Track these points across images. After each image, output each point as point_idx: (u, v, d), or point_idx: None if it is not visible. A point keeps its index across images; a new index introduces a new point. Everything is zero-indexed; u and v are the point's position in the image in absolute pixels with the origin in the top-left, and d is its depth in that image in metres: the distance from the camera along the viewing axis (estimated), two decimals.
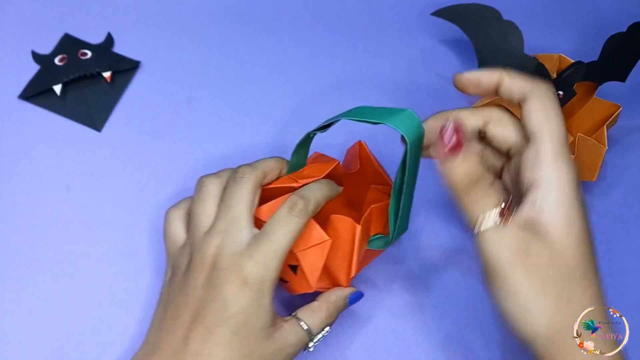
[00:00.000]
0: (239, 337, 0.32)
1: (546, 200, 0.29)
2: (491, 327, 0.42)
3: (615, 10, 0.55)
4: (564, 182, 0.29)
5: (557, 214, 0.29)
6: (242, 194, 0.34)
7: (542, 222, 0.29)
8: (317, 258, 0.36)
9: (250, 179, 0.35)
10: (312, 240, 0.35)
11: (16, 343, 0.40)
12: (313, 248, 0.35)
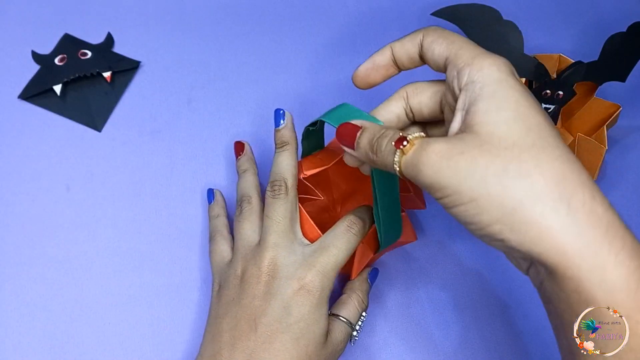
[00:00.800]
0: (300, 344, 0.32)
1: (470, 100, 0.27)
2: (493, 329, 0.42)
3: (615, 10, 0.55)
4: (485, 77, 0.27)
5: (481, 107, 0.26)
6: (287, 208, 0.36)
7: (471, 124, 0.26)
8: None
9: (289, 194, 0.36)
10: (307, 235, 0.37)
11: (16, 343, 0.40)
12: None
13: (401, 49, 0.33)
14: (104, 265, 0.43)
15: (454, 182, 0.26)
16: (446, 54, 0.30)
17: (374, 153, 0.29)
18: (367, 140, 0.30)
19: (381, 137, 0.29)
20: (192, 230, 0.44)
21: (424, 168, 0.26)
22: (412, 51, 0.32)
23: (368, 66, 0.34)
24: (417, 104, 0.33)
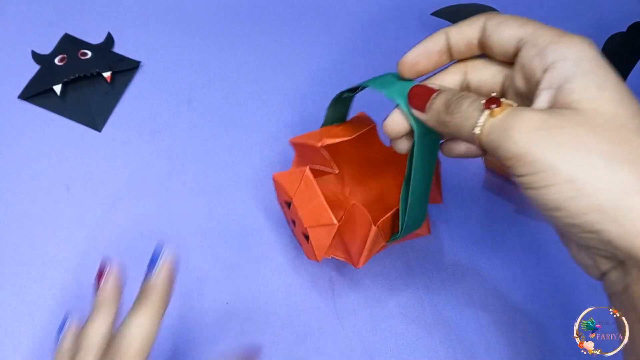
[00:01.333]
0: None
1: (564, 77, 0.25)
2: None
3: (615, 10, 0.55)
4: (579, 53, 0.25)
5: (580, 83, 0.24)
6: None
7: (567, 101, 0.24)
8: (324, 237, 0.36)
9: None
10: (321, 219, 0.36)
11: (16, 343, 0.40)
12: (321, 228, 0.36)
13: (458, 34, 0.30)
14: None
15: (550, 157, 0.22)
16: (520, 35, 0.28)
17: (449, 114, 0.27)
18: (442, 101, 0.27)
19: (462, 97, 0.27)
20: (192, 230, 0.44)
21: (515, 134, 0.23)
22: (471, 37, 0.30)
23: (419, 52, 0.31)
24: (477, 81, 0.30)
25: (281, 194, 0.39)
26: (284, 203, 0.39)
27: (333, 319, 0.42)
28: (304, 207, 0.36)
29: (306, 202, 0.36)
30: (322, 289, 0.43)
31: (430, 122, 0.28)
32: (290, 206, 0.38)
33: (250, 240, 0.44)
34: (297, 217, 0.37)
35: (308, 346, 0.41)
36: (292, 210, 0.37)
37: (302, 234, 0.38)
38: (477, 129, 0.25)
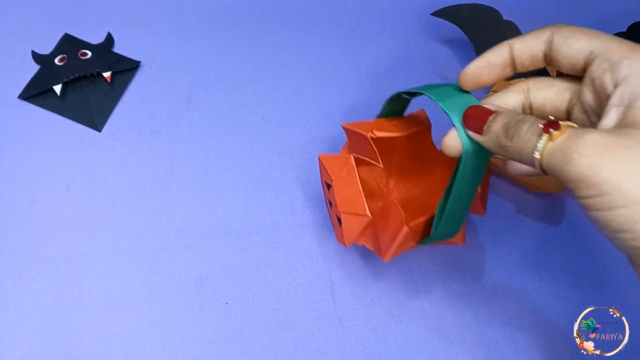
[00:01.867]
0: None
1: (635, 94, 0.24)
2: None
3: (615, 10, 0.55)
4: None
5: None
6: None
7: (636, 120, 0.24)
8: (355, 225, 0.37)
9: None
10: (356, 209, 0.36)
11: (16, 343, 0.40)
12: (355, 216, 0.36)
13: (522, 47, 0.30)
14: (104, 265, 0.43)
15: (616, 179, 0.22)
16: (590, 47, 0.27)
17: (508, 138, 0.26)
18: (501, 124, 0.27)
19: (520, 121, 0.26)
20: (192, 230, 0.44)
21: (577, 157, 0.23)
22: (536, 49, 0.29)
23: (481, 64, 0.30)
24: (540, 100, 0.30)
25: (324, 174, 0.39)
26: (325, 183, 0.40)
27: (333, 319, 0.42)
28: (341, 193, 0.37)
29: (345, 188, 0.37)
30: (322, 289, 0.43)
31: (488, 145, 0.28)
32: (330, 188, 0.38)
33: (250, 240, 0.44)
34: (334, 200, 0.38)
35: (308, 346, 0.41)
36: (331, 193, 0.38)
37: (337, 217, 0.38)
38: (537, 154, 0.25)
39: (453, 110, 0.30)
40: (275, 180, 0.46)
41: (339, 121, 0.49)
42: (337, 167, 0.37)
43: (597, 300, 0.43)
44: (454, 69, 0.52)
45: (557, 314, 0.42)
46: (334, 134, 0.49)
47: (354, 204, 0.36)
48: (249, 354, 0.40)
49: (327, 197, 0.41)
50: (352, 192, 0.36)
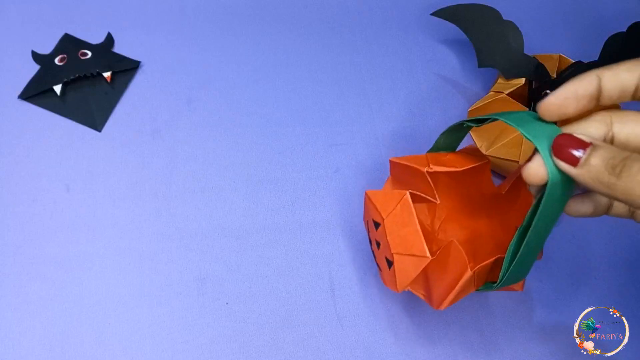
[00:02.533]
0: None
1: None
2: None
3: (615, 10, 0.55)
4: None
5: None
6: None
7: None
8: (411, 268, 0.34)
9: None
10: (413, 249, 0.33)
11: (16, 343, 0.40)
12: (411, 257, 0.33)
13: (613, 79, 0.27)
14: (104, 265, 0.43)
15: None
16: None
17: (613, 175, 0.25)
18: (602, 159, 0.25)
19: (629, 159, 0.25)
20: (192, 230, 0.44)
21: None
22: (629, 83, 0.27)
23: (567, 94, 0.28)
24: (625, 134, 0.28)
25: (371, 212, 0.36)
26: (372, 222, 0.37)
27: (333, 319, 0.42)
28: (395, 232, 0.34)
29: (399, 227, 0.34)
30: (322, 289, 0.43)
31: (584, 179, 0.26)
32: (378, 227, 0.36)
33: (250, 240, 0.44)
34: (383, 240, 0.35)
35: (308, 346, 0.41)
36: (380, 232, 0.35)
37: (385, 259, 0.35)
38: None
39: (537, 137, 0.27)
40: (275, 180, 0.46)
41: (339, 121, 0.49)
42: (389, 203, 0.35)
43: (597, 300, 0.43)
44: (454, 69, 0.52)
45: (557, 314, 0.42)
46: (334, 134, 0.49)
47: (411, 244, 0.33)
48: (249, 354, 0.40)
49: (374, 236, 0.37)
50: (409, 232, 0.33)
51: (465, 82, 0.52)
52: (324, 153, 0.48)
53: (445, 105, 0.50)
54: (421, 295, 0.36)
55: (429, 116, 0.50)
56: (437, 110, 0.50)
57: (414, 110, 0.50)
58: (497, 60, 0.47)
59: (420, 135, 0.49)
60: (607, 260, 0.44)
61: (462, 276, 0.32)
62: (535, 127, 0.28)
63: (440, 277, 0.34)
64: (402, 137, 0.48)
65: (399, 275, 0.34)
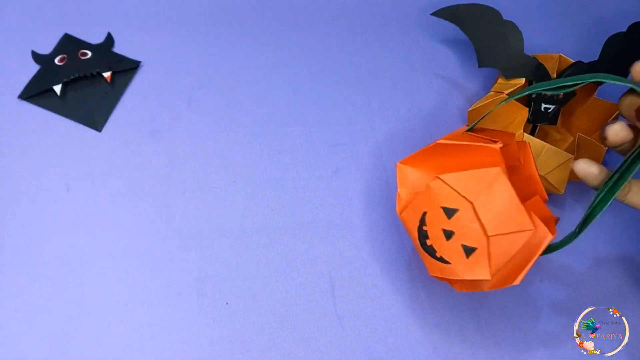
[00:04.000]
0: None
1: None
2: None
3: (615, 10, 0.55)
4: None
5: None
6: None
7: None
8: (510, 247, 0.32)
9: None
10: (514, 225, 0.32)
11: (16, 343, 0.40)
12: (510, 235, 0.32)
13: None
14: (104, 265, 0.43)
15: None
16: None
17: None
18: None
19: None
20: (192, 230, 0.44)
21: None
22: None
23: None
24: None
25: (441, 199, 0.34)
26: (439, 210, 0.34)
27: (333, 319, 0.42)
28: (490, 213, 0.32)
29: (494, 207, 0.32)
30: (322, 289, 0.43)
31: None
32: (453, 214, 0.33)
33: (250, 240, 0.44)
34: (467, 226, 0.33)
35: (308, 346, 0.41)
36: (459, 218, 0.33)
37: (463, 247, 0.33)
38: None
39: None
40: (275, 180, 0.46)
41: (339, 121, 0.49)
42: (474, 185, 0.33)
43: (597, 300, 0.43)
44: (454, 69, 0.52)
45: (557, 314, 0.42)
46: (334, 134, 0.49)
47: (512, 221, 0.32)
48: (249, 354, 0.40)
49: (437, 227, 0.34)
50: (507, 208, 0.32)
51: (465, 82, 0.51)
52: (324, 153, 0.48)
53: (445, 105, 0.50)
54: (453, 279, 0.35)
55: (429, 116, 0.50)
56: (437, 110, 0.50)
57: (414, 110, 0.50)
58: (497, 60, 0.47)
59: (420, 135, 0.49)
60: (607, 260, 0.44)
61: (542, 243, 0.32)
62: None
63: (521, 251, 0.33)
64: (402, 137, 0.48)
65: (494, 259, 0.32)
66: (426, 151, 0.36)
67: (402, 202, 0.37)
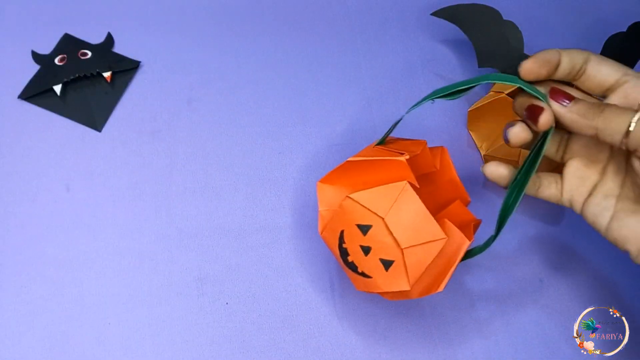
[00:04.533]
0: None
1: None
2: None
3: (615, 10, 0.55)
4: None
5: None
6: None
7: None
8: (425, 257, 0.33)
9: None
10: (426, 236, 0.33)
11: (16, 343, 0.40)
12: (423, 246, 0.33)
13: (568, 57, 0.33)
14: (104, 265, 0.43)
15: None
16: (624, 71, 0.32)
17: (598, 113, 0.30)
18: (586, 103, 0.31)
19: (607, 104, 0.30)
20: (192, 230, 0.44)
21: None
22: (578, 62, 0.33)
23: (542, 59, 0.33)
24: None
25: (355, 217, 0.34)
26: (354, 228, 0.35)
27: (333, 319, 0.42)
28: (401, 226, 0.33)
29: (404, 220, 0.33)
30: (322, 289, 0.43)
31: (571, 116, 0.31)
32: (368, 230, 0.34)
33: (250, 240, 0.44)
34: (381, 241, 0.34)
35: (308, 346, 0.41)
36: (373, 234, 0.34)
37: (380, 261, 0.34)
38: (632, 125, 0.29)
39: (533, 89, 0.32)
40: (275, 180, 0.46)
41: (339, 122, 0.49)
42: (383, 201, 0.34)
43: (597, 300, 0.43)
44: (454, 69, 0.52)
45: (557, 314, 0.42)
46: (333, 134, 0.49)
47: (423, 232, 0.33)
48: (249, 354, 0.40)
49: (356, 244, 0.35)
50: (417, 220, 0.33)
51: None
52: (324, 153, 0.48)
53: (445, 105, 0.50)
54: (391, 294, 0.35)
55: (429, 116, 0.50)
56: (437, 111, 0.50)
57: (414, 110, 0.50)
58: (497, 60, 0.47)
59: (420, 135, 0.49)
60: (607, 260, 0.44)
61: (460, 251, 0.33)
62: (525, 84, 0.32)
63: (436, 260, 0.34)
64: (402, 137, 0.48)
65: (411, 270, 0.33)
66: (340, 169, 0.36)
67: (324, 221, 0.37)
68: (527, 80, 0.33)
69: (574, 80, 0.34)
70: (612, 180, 0.33)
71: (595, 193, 0.33)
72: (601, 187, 0.33)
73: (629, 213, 0.31)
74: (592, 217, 0.33)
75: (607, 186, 0.33)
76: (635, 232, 0.30)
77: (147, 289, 0.42)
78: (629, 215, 0.31)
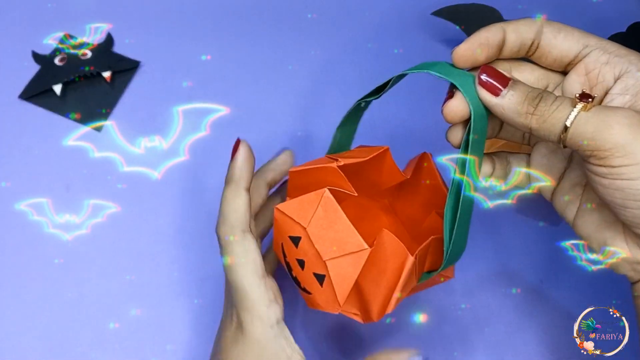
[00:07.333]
0: None
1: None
2: None
3: (615, 10, 0.55)
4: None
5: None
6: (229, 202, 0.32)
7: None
8: (350, 269, 0.30)
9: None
10: (347, 246, 0.30)
11: (16, 343, 0.40)
12: (346, 257, 0.30)
13: (514, 32, 0.29)
14: (104, 265, 0.43)
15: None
16: (585, 42, 0.28)
17: (531, 106, 0.26)
18: (522, 92, 0.27)
19: (544, 93, 0.27)
20: (191, 230, 0.44)
21: (616, 126, 0.24)
22: (527, 37, 0.29)
23: (480, 41, 0.29)
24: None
25: (286, 228, 0.32)
26: (288, 240, 0.32)
27: (333, 319, 0.42)
28: (322, 237, 0.30)
29: (325, 229, 0.30)
30: None
31: (502, 110, 0.27)
32: (299, 242, 0.32)
33: None
34: (310, 252, 0.31)
35: (308, 346, 0.41)
36: (303, 247, 0.31)
37: (315, 275, 0.31)
38: (569, 121, 0.25)
39: (453, 76, 0.28)
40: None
41: (339, 121, 0.49)
42: (307, 209, 0.31)
43: (597, 300, 0.43)
44: None
45: (557, 314, 0.42)
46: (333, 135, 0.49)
47: (344, 242, 0.30)
48: None
49: (293, 257, 0.32)
50: (338, 230, 0.30)
51: None
52: (323, 153, 0.48)
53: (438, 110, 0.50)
54: (354, 315, 0.32)
55: (429, 116, 0.50)
56: (437, 111, 0.50)
57: (414, 110, 0.50)
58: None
59: (420, 135, 0.49)
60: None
61: (404, 266, 0.29)
62: (451, 70, 0.29)
63: (377, 280, 0.30)
64: (402, 137, 0.48)
65: (337, 284, 0.30)
66: (289, 180, 0.35)
67: None
68: (463, 68, 0.29)
69: (529, 57, 0.30)
70: (579, 168, 0.30)
71: (563, 182, 0.31)
72: (568, 175, 0.31)
73: (593, 209, 0.29)
74: (560, 208, 0.31)
75: (574, 173, 0.31)
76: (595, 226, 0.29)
77: (147, 289, 0.42)
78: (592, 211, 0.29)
